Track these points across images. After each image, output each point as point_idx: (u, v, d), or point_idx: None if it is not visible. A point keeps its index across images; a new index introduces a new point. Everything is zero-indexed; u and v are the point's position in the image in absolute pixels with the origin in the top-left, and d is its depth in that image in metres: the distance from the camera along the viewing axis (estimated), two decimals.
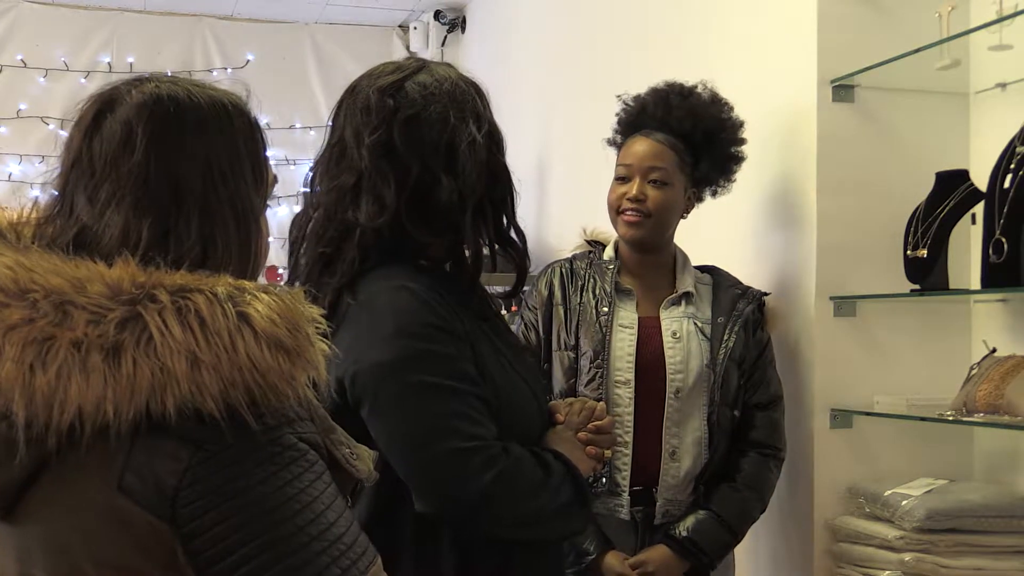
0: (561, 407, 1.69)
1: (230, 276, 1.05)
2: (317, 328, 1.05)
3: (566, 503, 1.56)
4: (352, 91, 1.62)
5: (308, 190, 1.64)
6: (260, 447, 1.00)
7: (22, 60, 5.37)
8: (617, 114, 2.53)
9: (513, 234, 1.65)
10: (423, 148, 1.55)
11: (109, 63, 5.45)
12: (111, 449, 0.98)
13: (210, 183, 1.10)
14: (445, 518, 1.50)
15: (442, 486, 1.47)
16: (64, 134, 1.15)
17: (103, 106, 1.12)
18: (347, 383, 1.49)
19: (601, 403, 1.73)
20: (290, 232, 1.65)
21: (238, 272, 1.09)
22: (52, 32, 5.42)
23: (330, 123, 1.64)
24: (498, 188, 1.62)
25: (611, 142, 2.54)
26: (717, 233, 2.77)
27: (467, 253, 1.61)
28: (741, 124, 2.47)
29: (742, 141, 2.47)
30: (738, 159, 2.48)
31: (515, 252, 1.66)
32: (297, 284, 1.58)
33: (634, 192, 2.36)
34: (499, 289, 1.77)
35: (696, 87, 2.46)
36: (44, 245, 1.07)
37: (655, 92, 2.48)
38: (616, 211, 2.40)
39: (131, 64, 5.40)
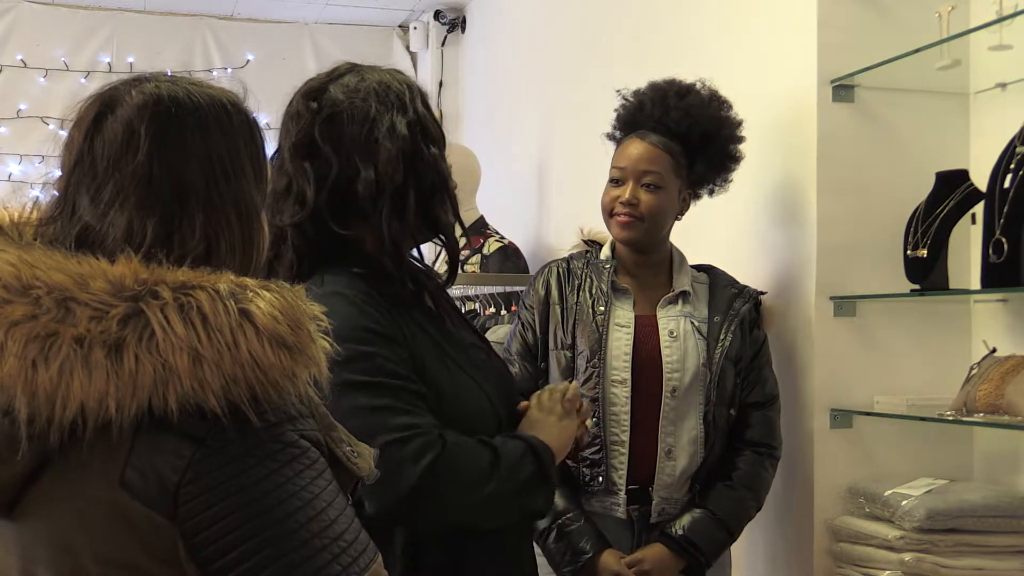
0: (531, 400, 1.70)
1: (232, 273, 1.05)
2: (318, 325, 1.05)
3: (525, 481, 1.56)
4: (287, 104, 1.67)
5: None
6: (262, 444, 1.00)
7: (22, 60, 5.36)
8: (616, 110, 2.54)
9: (446, 224, 1.65)
10: (343, 142, 1.58)
11: (109, 63, 5.44)
12: (113, 445, 0.98)
13: (212, 182, 1.10)
14: (389, 514, 1.49)
15: (378, 481, 1.47)
16: (64, 134, 1.15)
17: (103, 107, 1.12)
18: None
19: (574, 383, 1.74)
20: None
21: (240, 269, 1.10)
22: (52, 32, 5.41)
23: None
24: (426, 178, 1.61)
25: (610, 136, 2.55)
26: (717, 233, 2.77)
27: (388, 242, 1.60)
28: (739, 123, 2.47)
29: (740, 139, 2.47)
30: (736, 158, 2.47)
31: (446, 242, 1.67)
32: None
33: (626, 196, 2.37)
34: (499, 289, 1.78)
35: (695, 84, 2.46)
36: (46, 243, 1.07)
37: (653, 89, 2.47)
38: (609, 213, 2.41)
39: (131, 64, 5.39)
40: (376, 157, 1.57)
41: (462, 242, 3.18)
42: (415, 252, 1.70)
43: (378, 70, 1.67)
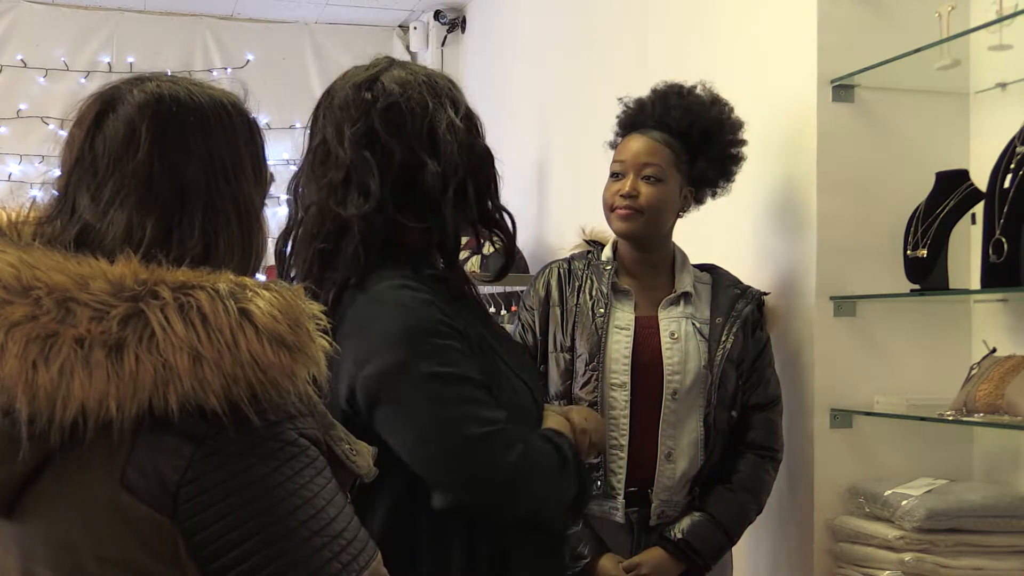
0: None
1: (231, 273, 1.05)
2: (318, 324, 1.05)
3: (575, 496, 1.60)
4: (328, 93, 1.65)
5: (291, 197, 1.65)
6: (262, 443, 1.00)
7: (22, 60, 5.37)
8: (617, 116, 2.53)
9: (500, 217, 1.67)
10: (405, 133, 1.57)
11: (109, 63, 5.45)
12: (114, 445, 0.98)
13: (213, 181, 1.11)
14: (470, 506, 1.51)
15: (467, 473, 1.48)
16: (64, 134, 1.15)
17: (104, 105, 1.12)
18: (357, 388, 1.49)
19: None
20: (277, 242, 1.64)
21: (239, 269, 1.10)
22: (52, 32, 5.42)
23: (308, 129, 1.66)
24: (482, 171, 1.64)
25: (612, 145, 2.53)
26: (717, 233, 2.77)
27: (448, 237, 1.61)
28: (740, 125, 2.46)
29: (741, 142, 2.46)
30: (737, 159, 2.46)
31: (503, 234, 1.68)
32: (295, 281, 1.59)
33: (627, 188, 2.35)
34: (499, 289, 1.79)
35: (695, 87, 2.46)
36: (45, 243, 1.08)
37: (655, 92, 2.47)
38: (610, 208, 2.39)
39: (131, 64, 5.40)
40: (439, 150, 1.57)
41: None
42: None
43: (420, 66, 1.68)
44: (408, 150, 1.56)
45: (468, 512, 1.52)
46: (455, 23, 5.50)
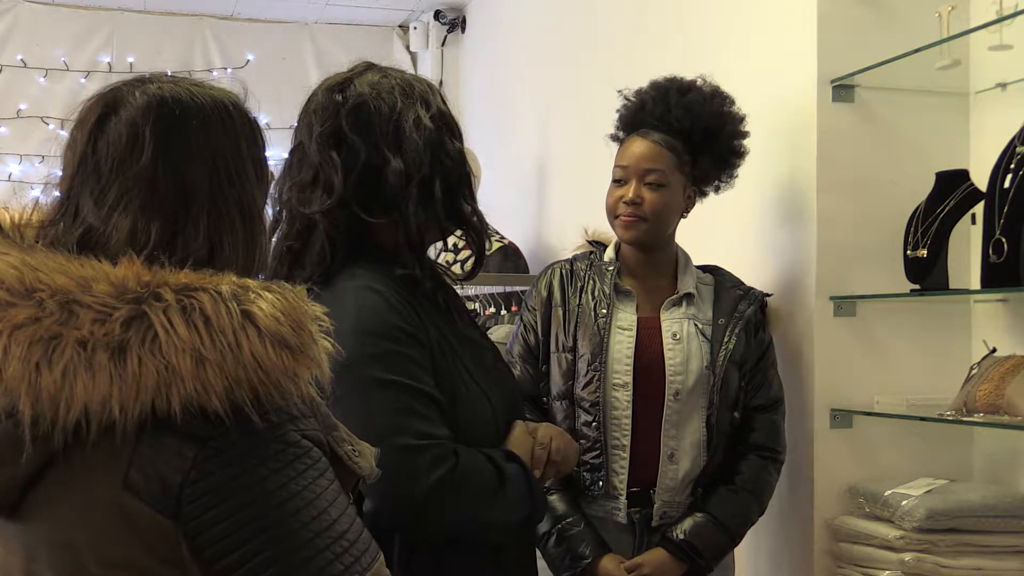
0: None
1: (234, 274, 1.05)
2: (320, 326, 1.05)
3: (520, 521, 1.60)
4: (307, 100, 1.68)
5: (273, 201, 1.68)
6: (264, 444, 1.01)
7: (22, 60, 5.37)
8: (618, 110, 2.52)
9: (471, 216, 1.68)
10: (371, 131, 1.60)
11: (109, 63, 5.44)
12: (117, 447, 0.98)
13: (216, 183, 1.11)
14: (391, 516, 1.50)
15: (388, 482, 1.47)
16: (64, 134, 1.15)
17: (107, 107, 1.12)
18: None
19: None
20: None
21: (242, 271, 1.10)
22: (52, 32, 5.42)
23: (293, 134, 1.69)
24: (452, 170, 1.64)
25: (613, 137, 2.53)
26: (717, 233, 2.77)
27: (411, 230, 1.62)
28: (742, 118, 2.45)
29: (744, 135, 2.45)
30: (740, 153, 2.46)
31: (472, 233, 1.69)
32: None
33: (630, 195, 2.35)
34: (499, 289, 1.79)
35: (696, 81, 2.45)
36: (48, 245, 1.08)
37: (655, 87, 2.46)
38: (613, 215, 2.39)
39: (131, 64, 5.40)
40: (403, 147, 1.59)
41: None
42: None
43: (394, 69, 1.69)
44: (373, 148, 1.59)
45: (388, 525, 1.50)
46: (455, 23, 5.50)
